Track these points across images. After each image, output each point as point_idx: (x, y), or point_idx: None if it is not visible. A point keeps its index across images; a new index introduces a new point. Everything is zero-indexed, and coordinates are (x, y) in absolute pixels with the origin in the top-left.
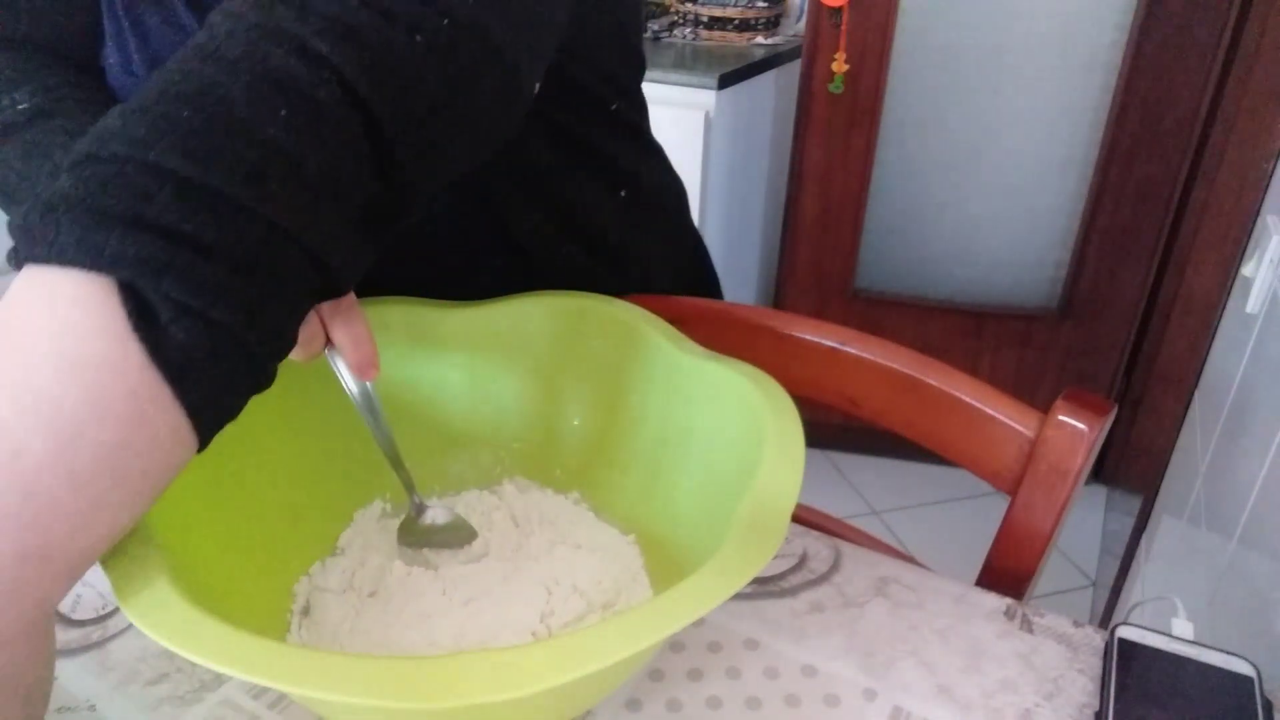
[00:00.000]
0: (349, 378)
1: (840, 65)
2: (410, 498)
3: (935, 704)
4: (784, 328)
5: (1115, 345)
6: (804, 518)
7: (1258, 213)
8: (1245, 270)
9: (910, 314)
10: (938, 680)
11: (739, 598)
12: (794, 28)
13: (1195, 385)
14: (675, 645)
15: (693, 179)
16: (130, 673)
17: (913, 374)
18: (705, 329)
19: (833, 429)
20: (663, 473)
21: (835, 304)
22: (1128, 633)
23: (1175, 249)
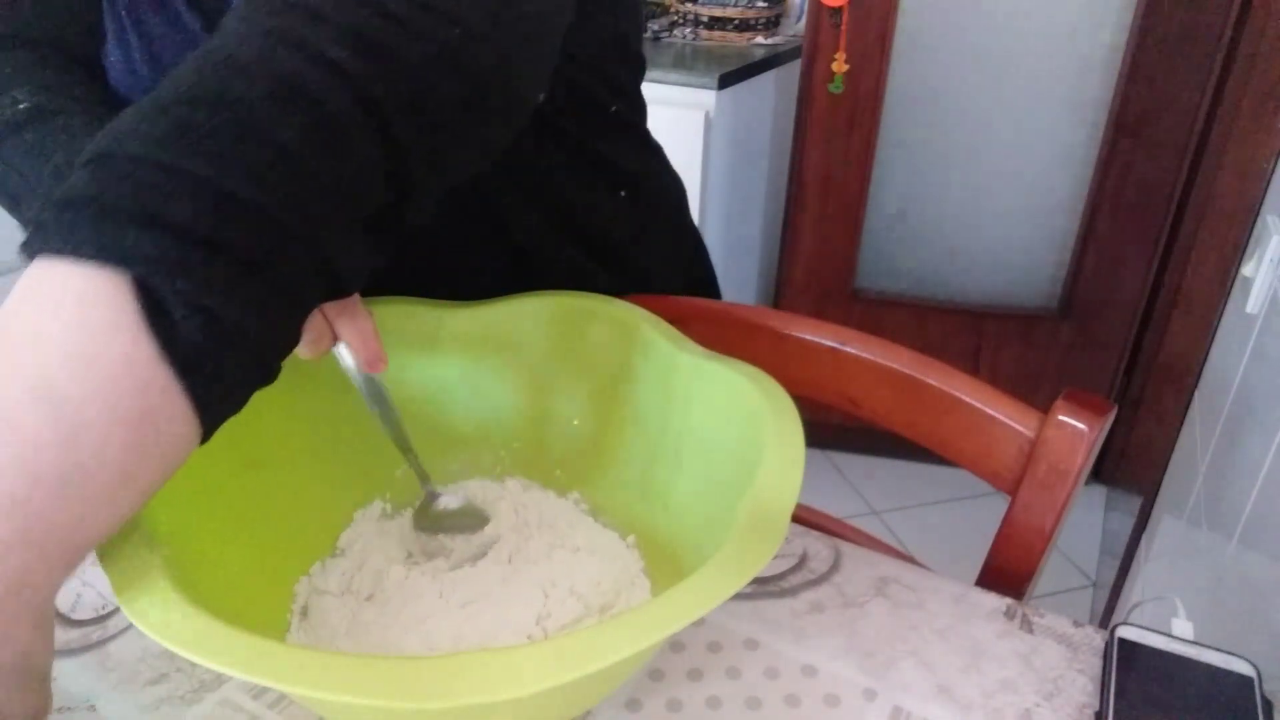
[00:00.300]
0: (356, 373)
1: (840, 65)
2: (422, 485)
3: (935, 704)
4: (784, 328)
5: (1115, 345)
6: (804, 518)
7: (1258, 213)
8: (1245, 270)
9: (910, 314)
10: (938, 680)
11: (739, 598)
12: (794, 28)
13: (1195, 385)
14: (675, 645)
15: (693, 179)
16: (130, 673)
17: (913, 374)
18: (705, 329)
19: (833, 429)
20: (662, 473)
21: (835, 304)
22: (1128, 633)
23: (1175, 249)
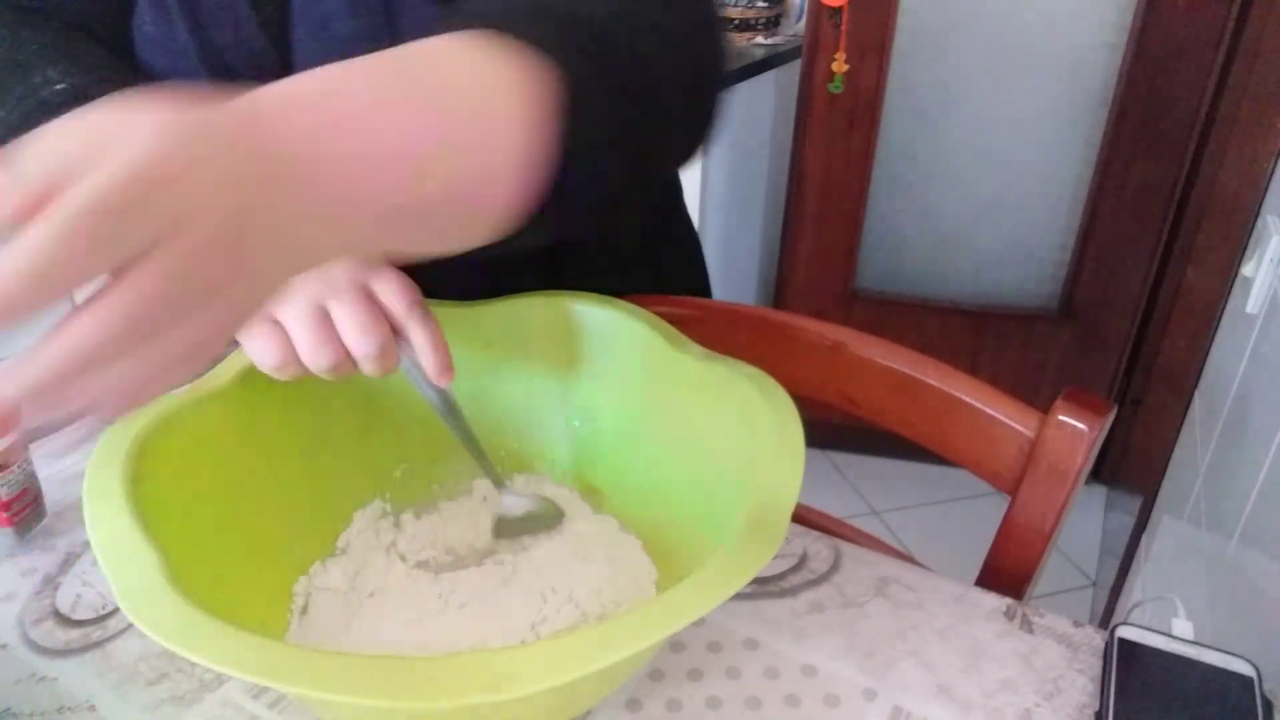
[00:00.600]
0: (426, 383)
1: (840, 65)
2: (500, 491)
3: (935, 704)
4: (784, 328)
5: (1115, 345)
6: (804, 518)
7: (1258, 213)
8: (1245, 270)
9: (910, 314)
10: (938, 680)
11: (739, 598)
12: (794, 28)
13: (1195, 385)
14: (675, 645)
15: (693, 179)
16: (130, 673)
17: (913, 374)
18: (705, 329)
19: (833, 429)
20: (663, 473)
21: (835, 304)
22: (1128, 633)
23: (1175, 249)
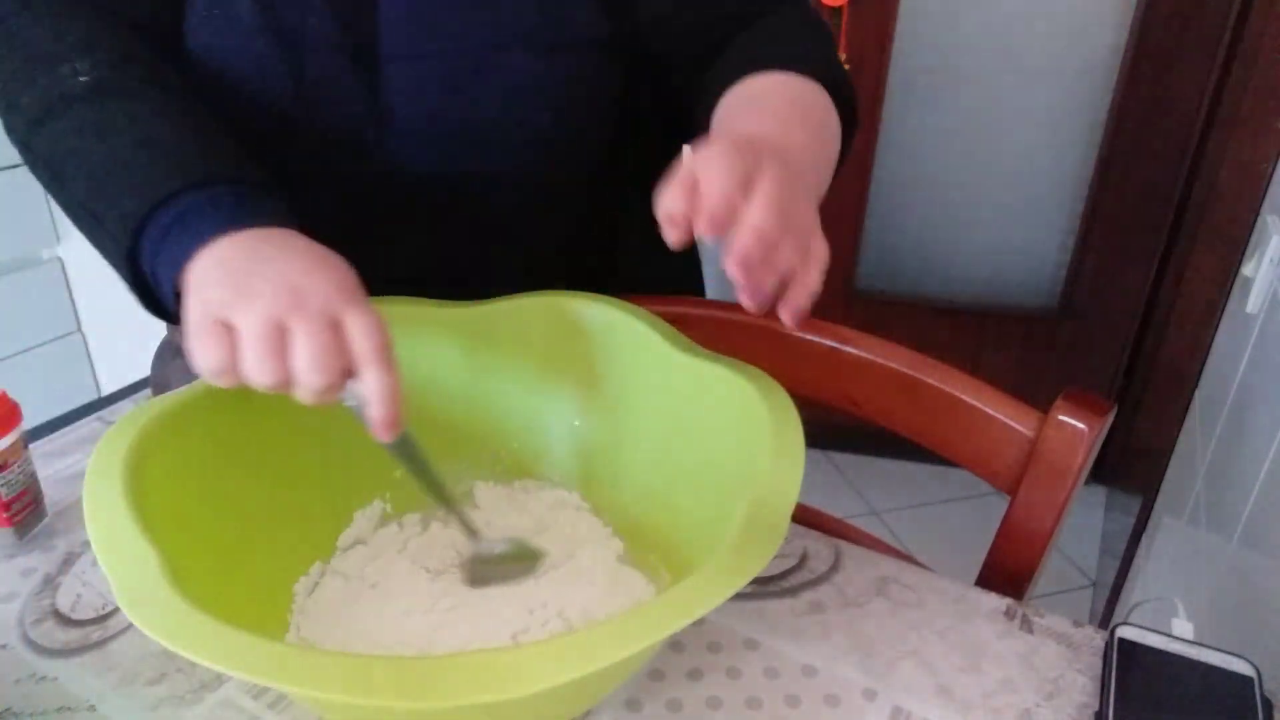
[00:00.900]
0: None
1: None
2: (470, 539)
3: (935, 704)
4: (784, 328)
5: (1115, 345)
6: (804, 518)
7: (1258, 213)
8: (1245, 270)
9: (910, 314)
10: (938, 680)
11: (739, 598)
12: None
13: (1195, 385)
14: (675, 645)
15: None
16: (130, 673)
17: (913, 374)
18: (705, 329)
19: (833, 429)
20: (663, 473)
21: (835, 304)
22: (1128, 633)
23: (1175, 249)
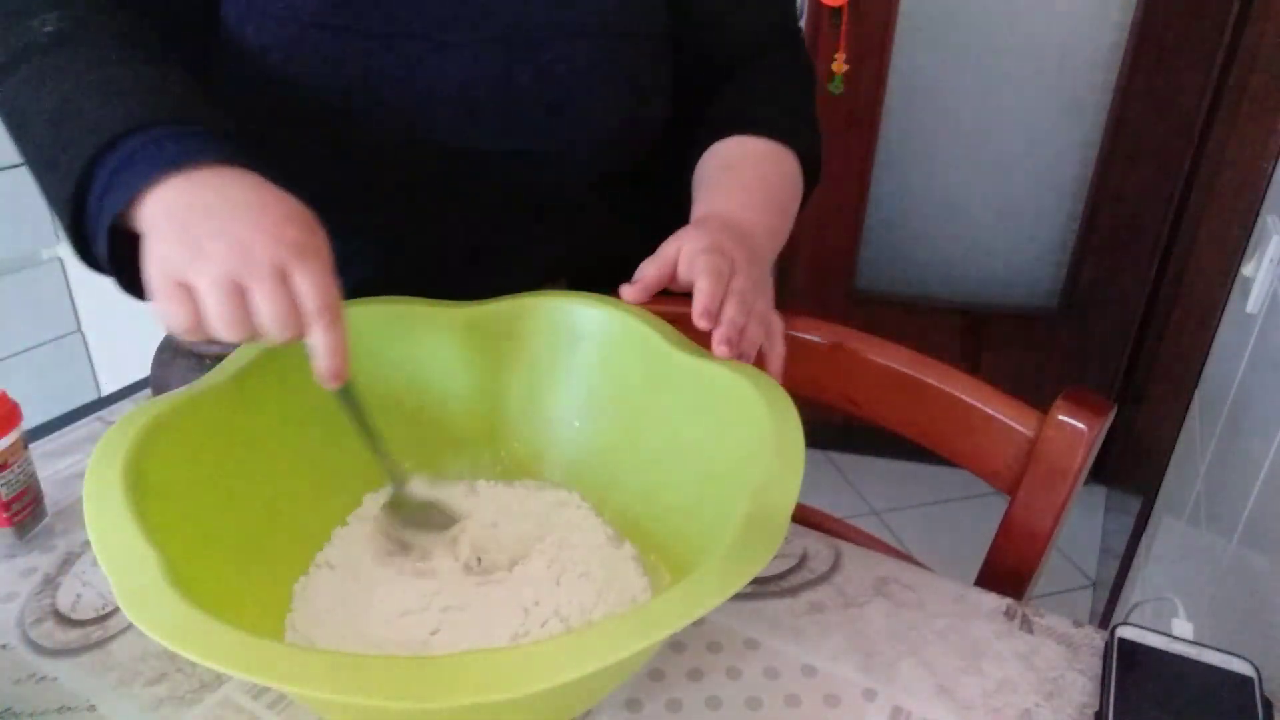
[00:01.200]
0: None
1: (840, 65)
2: (392, 479)
3: (935, 704)
4: (784, 328)
5: (1115, 345)
6: (804, 518)
7: (1258, 213)
8: (1245, 270)
9: (910, 314)
10: (938, 680)
11: (739, 598)
12: None
13: (1195, 385)
14: (675, 645)
15: None
16: (130, 673)
17: (912, 374)
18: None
19: (833, 429)
20: (663, 473)
21: (835, 304)
22: (1128, 633)
23: (1175, 249)
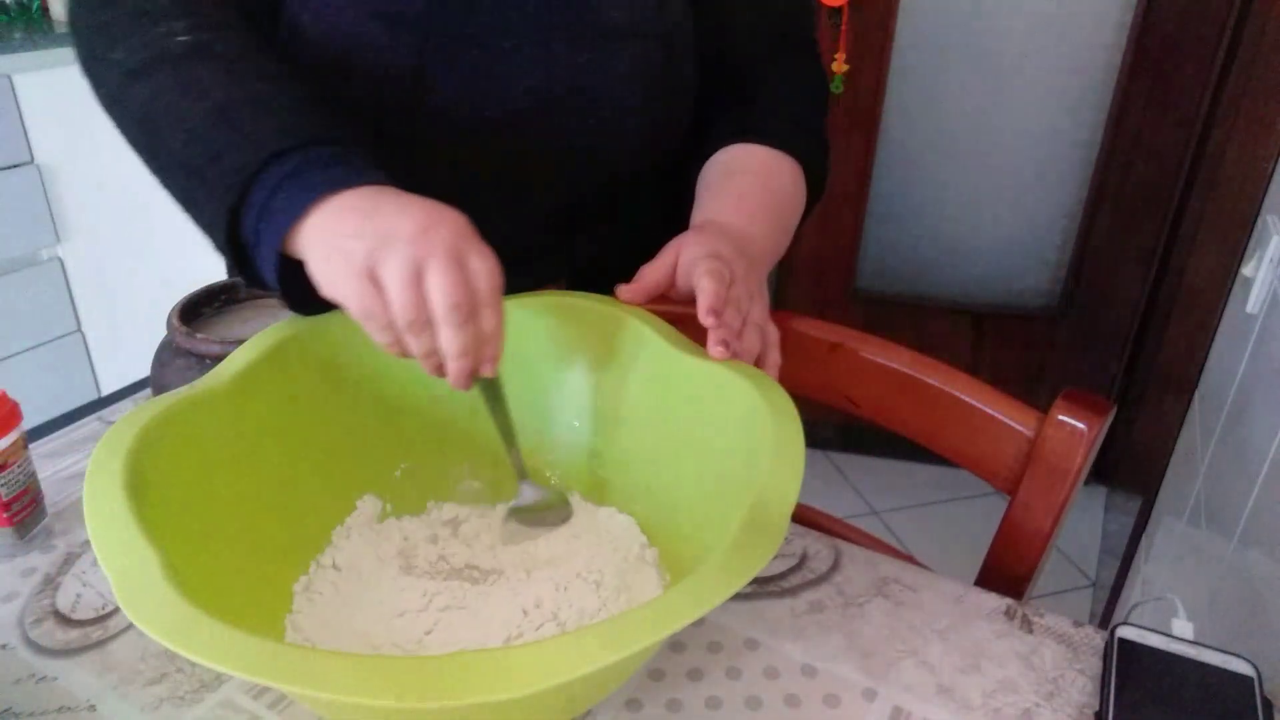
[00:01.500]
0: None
1: (840, 65)
2: (520, 480)
3: (935, 704)
4: (784, 327)
5: (1115, 345)
6: (804, 518)
7: (1258, 213)
8: (1245, 270)
9: (910, 314)
10: (938, 680)
11: (739, 598)
12: None
13: (1195, 385)
14: (675, 645)
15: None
16: (130, 673)
17: (912, 374)
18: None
19: (833, 429)
20: (663, 473)
21: (835, 304)
22: (1128, 633)
23: (1175, 249)
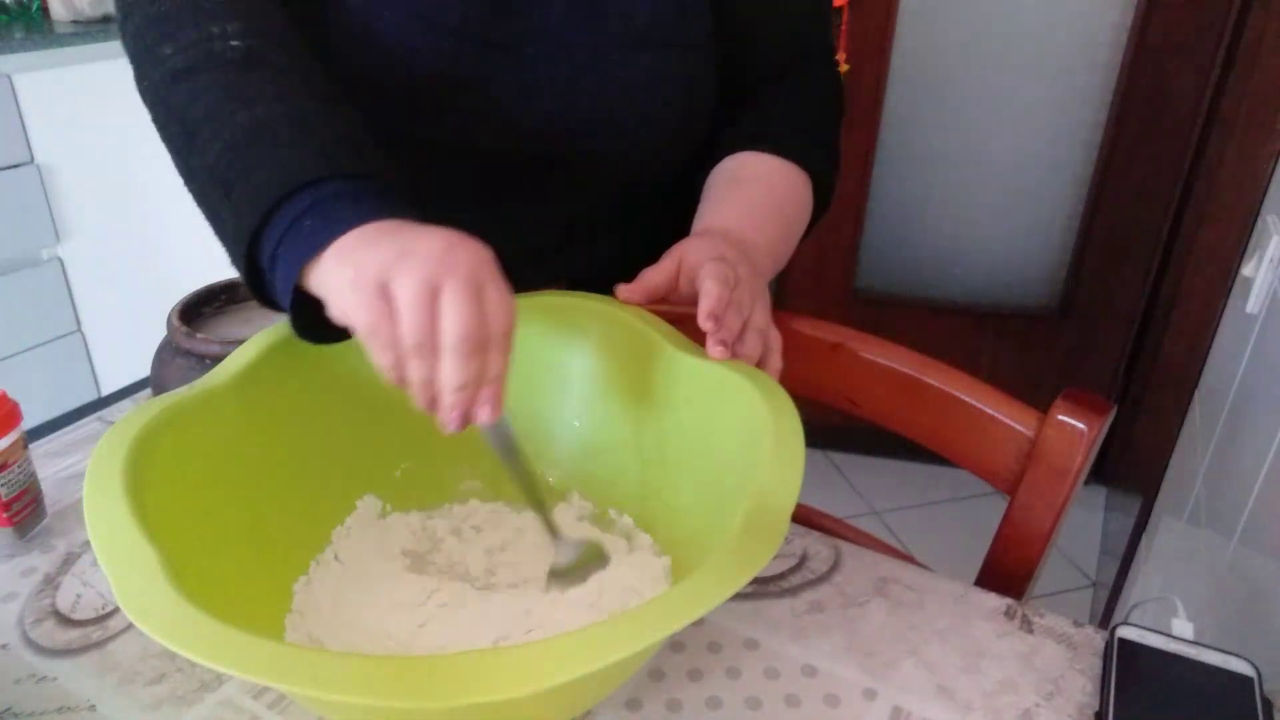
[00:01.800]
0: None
1: (840, 65)
2: (553, 539)
3: (935, 704)
4: (784, 327)
5: (1115, 345)
6: (804, 518)
7: (1258, 213)
8: (1245, 270)
9: (910, 314)
10: (938, 680)
11: (739, 598)
12: None
13: (1195, 385)
14: (675, 645)
15: None
16: (130, 673)
17: (913, 374)
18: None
19: (833, 429)
20: (663, 473)
21: (836, 304)
22: (1128, 633)
23: (1175, 249)
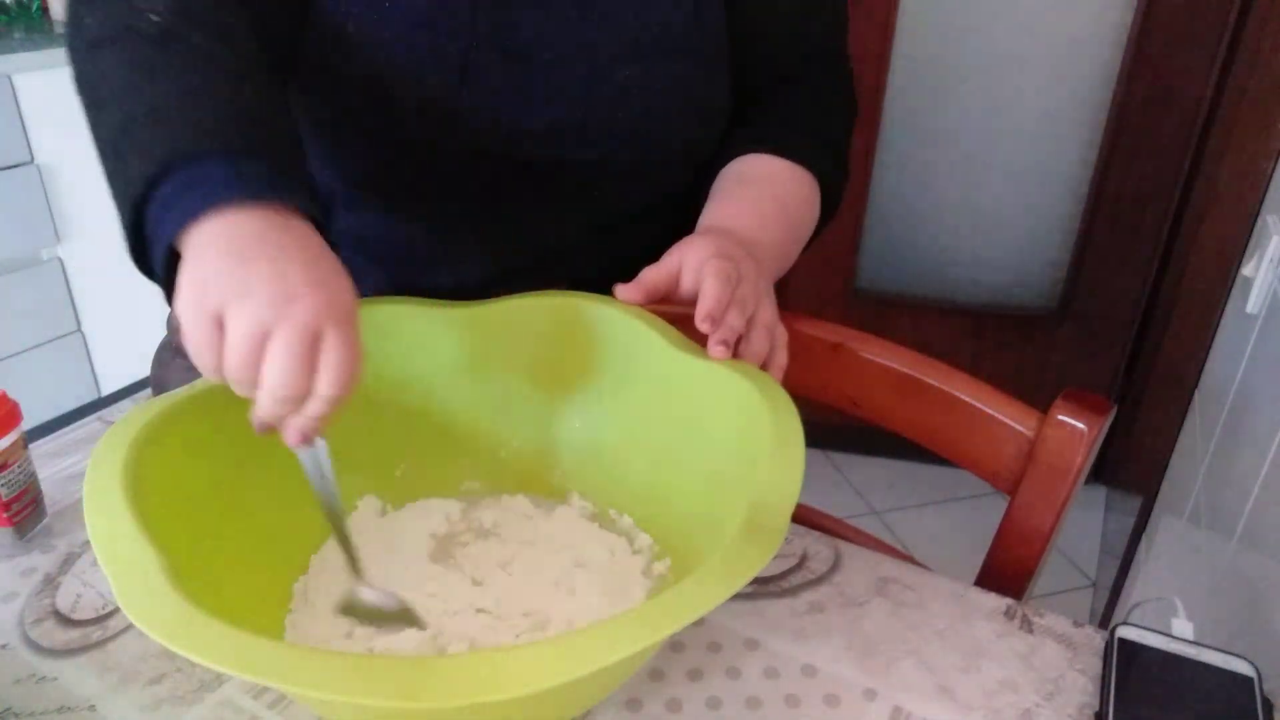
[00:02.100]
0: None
1: None
2: (352, 575)
3: (935, 704)
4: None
5: (1115, 345)
6: (804, 518)
7: (1258, 213)
8: (1245, 270)
9: (910, 314)
10: (938, 680)
11: (739, 598)
12: None
13: (1195, 385)
14: (675, 645)
15: None
16: (130, 673)
17: (913, 374)
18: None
19: (833, 429)
20: (663, 473)
21: (835, 304)
22: (1128, 633)
23: (1175, 249)
